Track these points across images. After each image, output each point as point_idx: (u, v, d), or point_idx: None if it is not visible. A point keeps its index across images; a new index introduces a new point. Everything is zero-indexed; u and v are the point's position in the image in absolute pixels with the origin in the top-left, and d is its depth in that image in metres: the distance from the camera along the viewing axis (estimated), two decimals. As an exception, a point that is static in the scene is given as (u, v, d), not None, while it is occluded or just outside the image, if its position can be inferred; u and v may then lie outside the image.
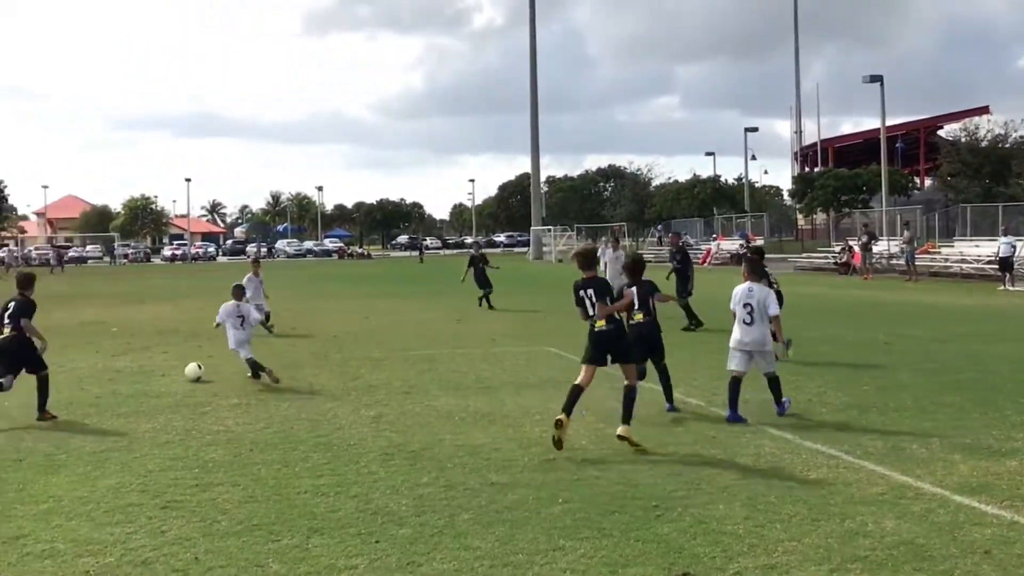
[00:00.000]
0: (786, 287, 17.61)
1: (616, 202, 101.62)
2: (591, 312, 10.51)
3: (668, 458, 9.78)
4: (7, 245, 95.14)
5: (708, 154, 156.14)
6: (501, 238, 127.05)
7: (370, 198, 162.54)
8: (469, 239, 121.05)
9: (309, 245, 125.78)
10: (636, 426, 10.70)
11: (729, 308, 12.03)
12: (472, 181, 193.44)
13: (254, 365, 15.52)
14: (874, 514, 7.76)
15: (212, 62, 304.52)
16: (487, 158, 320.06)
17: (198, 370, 15.79)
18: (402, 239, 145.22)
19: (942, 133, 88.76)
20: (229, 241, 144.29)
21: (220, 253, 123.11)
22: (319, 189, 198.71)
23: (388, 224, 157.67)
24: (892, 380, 14.45)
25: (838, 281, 42.33)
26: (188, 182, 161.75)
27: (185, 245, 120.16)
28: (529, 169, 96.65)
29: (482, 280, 29.78)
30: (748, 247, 63.52)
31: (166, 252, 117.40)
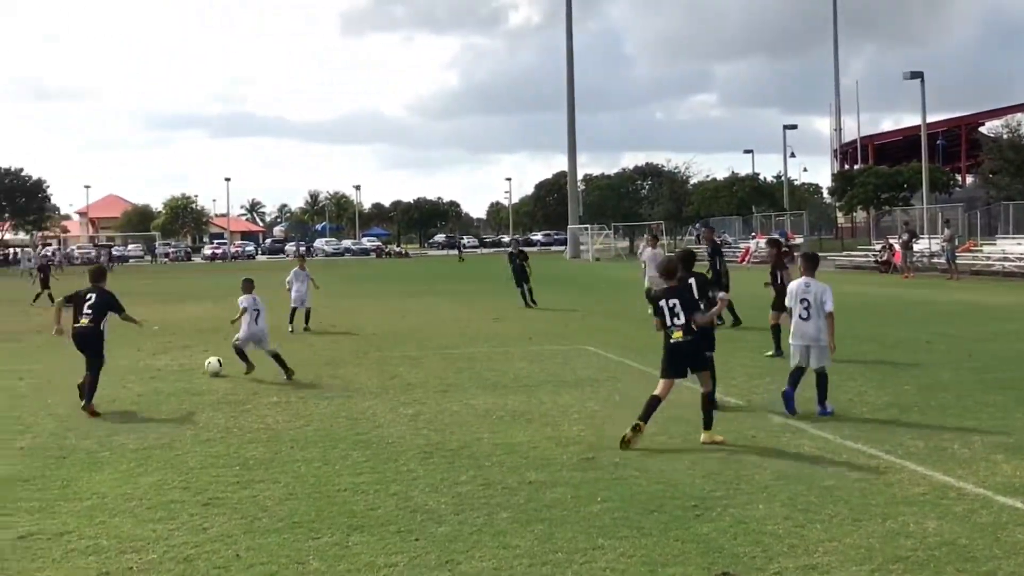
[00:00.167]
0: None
1: (654, 200, 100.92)
2: (669, 323, 10.41)
3: (707, 458, 9.73)
4: (49, 245, 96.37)
5: (746, 152, 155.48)
6: (538, 237, 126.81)
7: (407, 197, 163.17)
8: (506, 237, 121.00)
9: (347, 244, 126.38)
10: (675, 424, 10.70)
11: (786, 305, 12.16)
12: (509, 180, 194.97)
13: (276, 358, 15.83)
14: (916, 514, 7.70)
15: (250, 62, 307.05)
16: (524, 157, 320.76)
17: (218, 365, 16.20)
18: (439, 238, 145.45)
19: (983, 130, 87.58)
20: (268, 240, 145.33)
21: (259, 252, 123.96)
22: (357, 188, 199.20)
23: (425, 223, 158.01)
24: (934, 379, 14.33)
25: (879, 280, 41.97)
26: (228, 181, 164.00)
27: (225, 244, 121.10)
28: (566, 167, 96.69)
29: (520, 277, 29.81)
30: (787, 244, 63.67)
31: (206, 251, 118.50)
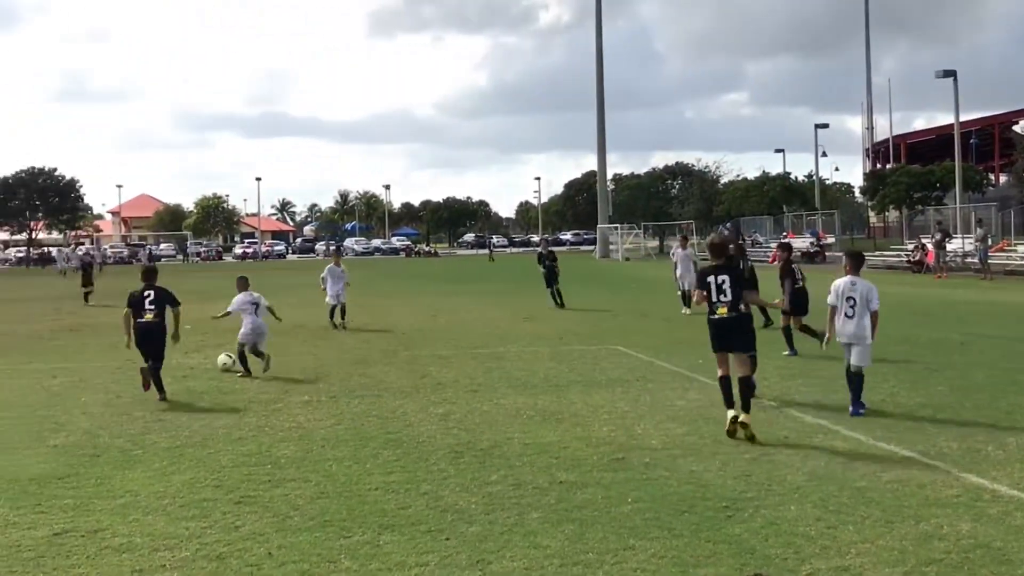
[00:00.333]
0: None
1: (684, 200, 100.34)
2: (715, 298, 10.77)
3: (738, 458, 9.70)
4: (83, 244, 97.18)
5: (778, 151, 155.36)
6: (567, 236, 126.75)
7: (437, 197, 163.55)
8: (535, 237, 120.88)
9: (377, 243, 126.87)
10: (705, 424, 10.66)
11: (828, 303, 12.08)
12: (538, 179, 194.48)
13: (253, 353, 16.20)
14: (949, 516, 7.63)
15: (280, 63, 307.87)
16: (553, 156, 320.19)
17: (228, 360, 16.58)
18: (468, 237, 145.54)
19: (1017, 128, 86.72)
20: (299, 239, 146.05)
21: (290, 251, 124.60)
22: (386, 188, 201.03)
23: (455, 222, 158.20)
24: (967, 380, 14.21)
25: (911, 280, 41.67)
26: (259, 181, 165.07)
27: (256, 243, 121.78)
28: (596, 167, 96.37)
29: (549, 277, 29.77)
30: (820, 244, 63.33)
31: (237, 250, 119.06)
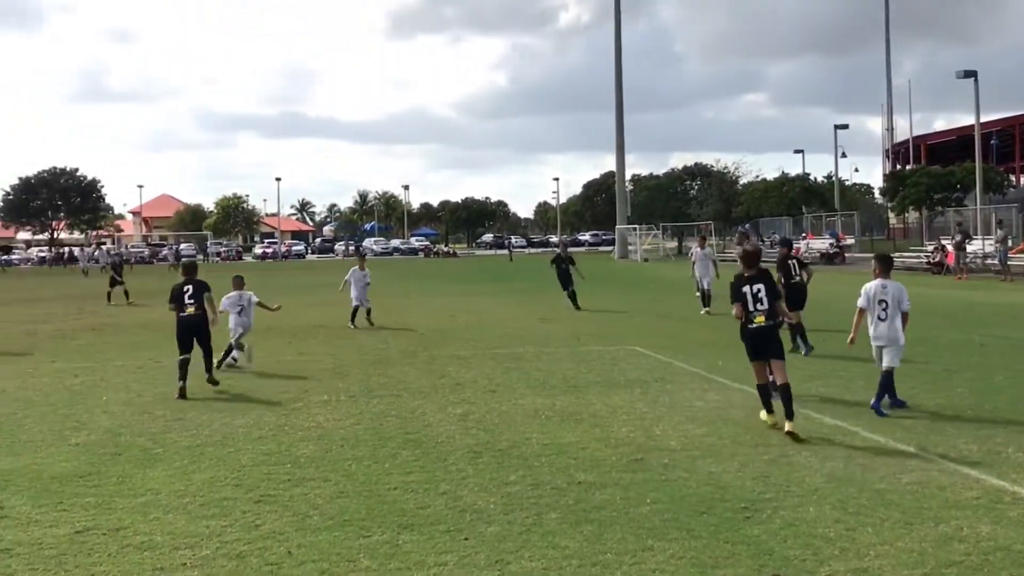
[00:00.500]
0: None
1: (703, 201, 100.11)
2: (752, 308, 10.93)
3: (757, 460, 9.69)
4: (104, 244, 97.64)
5: (797, 152, 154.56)
6: (586, 237, 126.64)
7: (455, 197, 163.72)
8: (554, 238, 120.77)
9: (396, 244, 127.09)
10: (724, 425, 10.65)
11: (858, 306, 12.15)
12: (556, 180, 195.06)
13: (236, 347, 16.90)
14: (969, 519, 7.61)
15: (300, 63, 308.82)
16: (572, 157, 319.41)
17: (241, 356, 16.97)
18: (487, 238, 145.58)
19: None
20: (318, 240, 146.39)
21: (309, 251, 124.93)
22: (405, 188, 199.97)
23: (473, 223, 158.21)
24: (987, 382, 14.15)
25: (931, 281, 41.45)
26: (278, 181, 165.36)
27: (276, 243, 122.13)
28: (614, 168, 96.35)
29: (565, 279, 29.60)
30: (839, 245, 63.11)
31: (257, 250, 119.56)
